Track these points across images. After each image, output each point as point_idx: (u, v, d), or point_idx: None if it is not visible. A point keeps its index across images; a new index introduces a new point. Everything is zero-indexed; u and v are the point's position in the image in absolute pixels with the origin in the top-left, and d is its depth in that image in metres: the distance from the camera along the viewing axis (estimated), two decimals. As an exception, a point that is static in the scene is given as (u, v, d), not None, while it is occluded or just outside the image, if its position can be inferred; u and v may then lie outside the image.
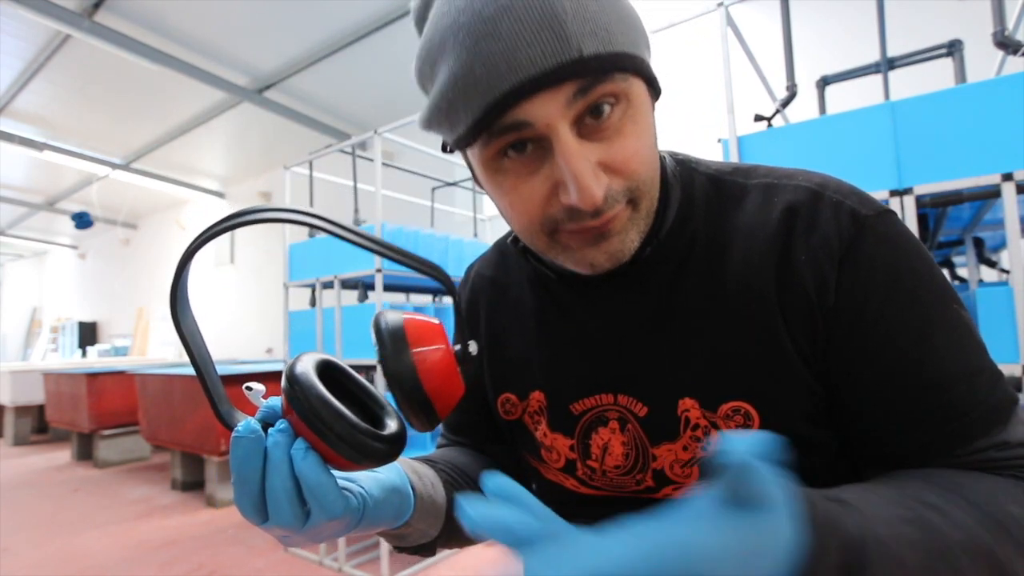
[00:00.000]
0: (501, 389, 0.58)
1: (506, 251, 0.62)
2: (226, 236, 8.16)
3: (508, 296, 0.59)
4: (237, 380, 3.32)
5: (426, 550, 0.52)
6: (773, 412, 0.43)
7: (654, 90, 0.44)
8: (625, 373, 0.49)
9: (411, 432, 0.38)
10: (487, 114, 0.38)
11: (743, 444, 0.25)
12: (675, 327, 0.47)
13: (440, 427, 0.73)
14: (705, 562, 0.24)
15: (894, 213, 0.43)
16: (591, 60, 0.36)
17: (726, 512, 0.25)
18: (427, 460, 0.56)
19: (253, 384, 0.37)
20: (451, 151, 0.46)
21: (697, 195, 0.49)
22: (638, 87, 0.41)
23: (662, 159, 0.50)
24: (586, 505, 0.53)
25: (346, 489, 0.38)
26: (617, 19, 0.38)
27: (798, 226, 0.43)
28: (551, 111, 0.37)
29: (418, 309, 2.52)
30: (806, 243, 0.43)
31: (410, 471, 0.48)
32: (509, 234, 0.61)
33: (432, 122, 0.43)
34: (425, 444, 2.52)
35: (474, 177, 0.47)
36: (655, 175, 0.43)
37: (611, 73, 0.38)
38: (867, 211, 0.43)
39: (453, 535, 0.52)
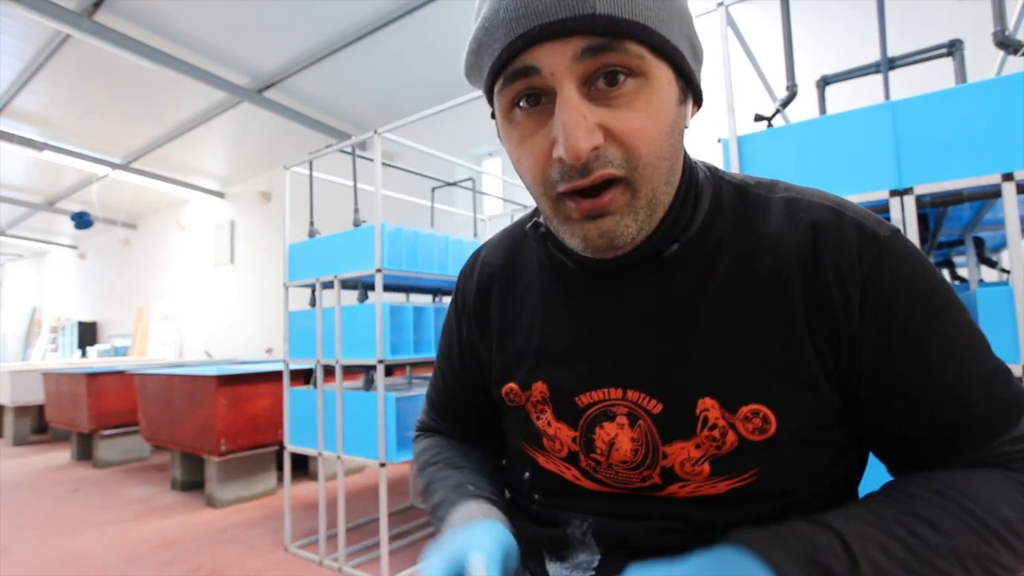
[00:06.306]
0: (507, 379, 0.57)
1: (518, 237, 0.61)
2: (226, 236, 8.16)
3: (519, 285, 0.58)
4: (237, 380, 3.33)
5: None
6: (790, 417, 0.44)
7: (692, 91, 0.45)
8: (639, 369, 0.48)
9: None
10: (501, 56, 0.40)
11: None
12: (700, 327, 0.47)
13: (424, 404, 0.73)
14: None
15: (901, 231, 0.46)
16: (602, 19, 0.37)
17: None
18: (489, 500, 0.54)
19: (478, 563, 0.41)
20: (490, 104, 0.47)
21: (725, 202, 0.50)
22: (662, 72, 0.41)
23: (696, 164, 0.51)
24: (585, 498, 0.52)
25: None
26: None
27: (824, 242, 0.45)
28: (558, 61, 0.39)
29: (418, 309, 2.52)
30: (833, 259, 0.44)
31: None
32: (524, 220, 0.61)
33: (469, 69, 0.45)
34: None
35: (500, 136, 0.48)
36: (659, 164, 0.42)
37: (622, 38, 0.38)
38: (883, 232, 0.45)
39: None
